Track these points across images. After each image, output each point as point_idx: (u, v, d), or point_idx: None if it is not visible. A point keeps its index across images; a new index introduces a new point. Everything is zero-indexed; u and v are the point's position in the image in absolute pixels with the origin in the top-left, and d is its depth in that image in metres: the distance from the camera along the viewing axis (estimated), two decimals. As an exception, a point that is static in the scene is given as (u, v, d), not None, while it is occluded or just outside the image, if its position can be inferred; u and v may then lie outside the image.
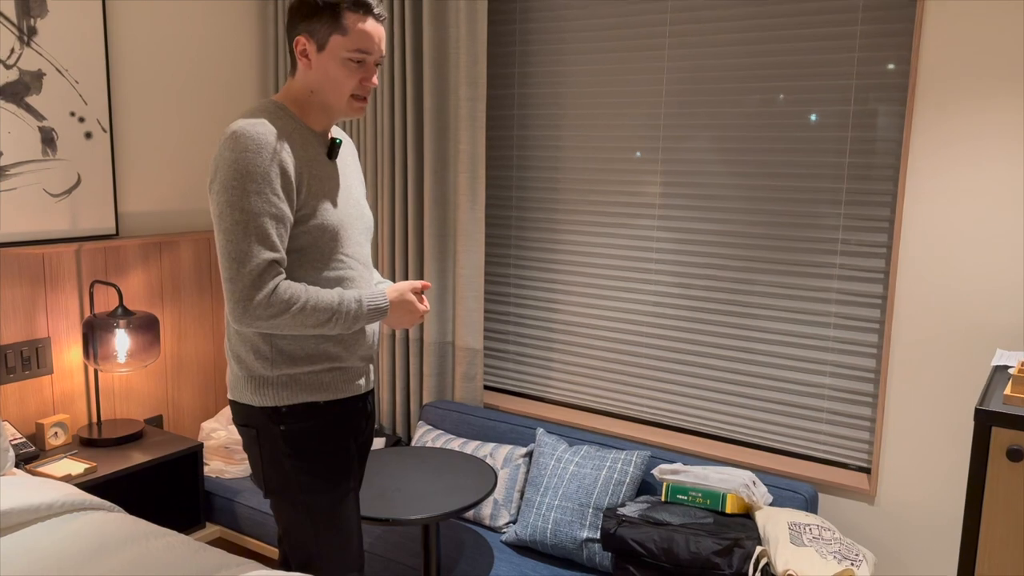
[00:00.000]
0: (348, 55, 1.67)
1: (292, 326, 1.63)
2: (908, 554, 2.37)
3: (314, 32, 1.67)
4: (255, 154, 1.58)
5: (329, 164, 1.76)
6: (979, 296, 2.19)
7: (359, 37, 1.67)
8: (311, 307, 1.63)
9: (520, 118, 2.98)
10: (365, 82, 1.71)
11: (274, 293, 1.60)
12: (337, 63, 1.67)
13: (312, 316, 1.63)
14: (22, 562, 1.73)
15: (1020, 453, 1.61)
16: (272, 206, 1.60)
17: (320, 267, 1.71)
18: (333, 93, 1.70)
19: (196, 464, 2.79)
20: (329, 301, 1.65)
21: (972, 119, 2.15)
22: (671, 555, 2.11)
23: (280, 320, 1.61)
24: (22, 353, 2.63)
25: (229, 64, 3.25)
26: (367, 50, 1.68)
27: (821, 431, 2.52)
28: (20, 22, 2.57)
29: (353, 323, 1.69)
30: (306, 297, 1.63)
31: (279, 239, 1.62)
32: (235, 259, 1.58)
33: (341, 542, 1.78)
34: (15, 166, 2.61)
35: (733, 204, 2.58)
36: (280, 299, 1.60)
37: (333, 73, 1.68)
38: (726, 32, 2.53)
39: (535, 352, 3.06)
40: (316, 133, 1.75)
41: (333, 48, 1.66)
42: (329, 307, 1.65)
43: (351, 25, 1.66)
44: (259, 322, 1.60)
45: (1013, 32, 2.07)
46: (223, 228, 1.59)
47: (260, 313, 1.59)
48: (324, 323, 1.65)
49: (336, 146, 1.77)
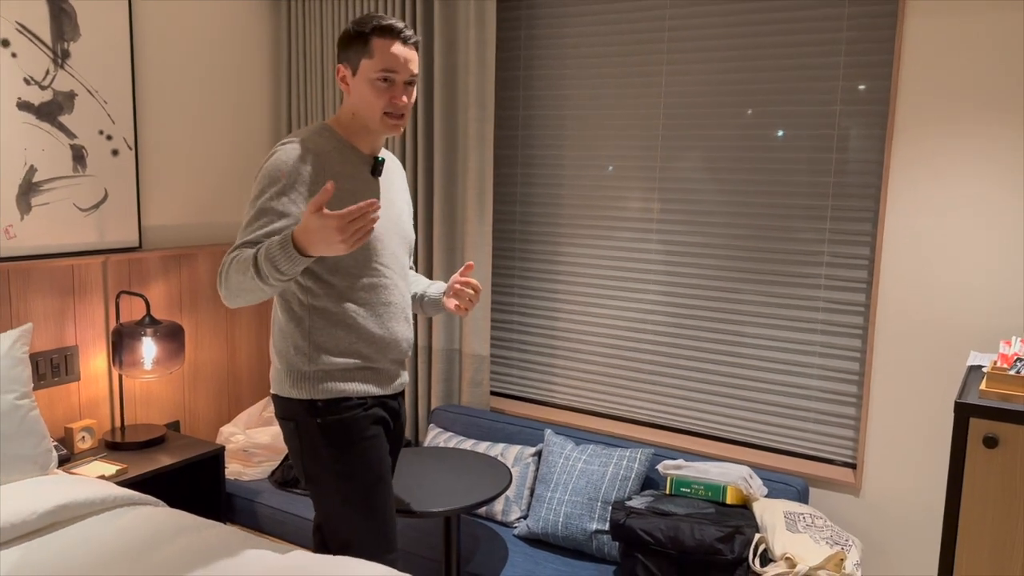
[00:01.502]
0: (376, 76, 1.83)
1: (234, 283, 1.72)
2: (892, 542, 2.57)
3: (349, 59, 1.87)
4: (283, 162, 1.80)
5: (371, 180, 1.93)
6: (954, 304, 2.40)
7: (384, 59, 1.83)
8: (238, 260, 1.73)
9: (524, 138, 3.17)
10: (395, 100, 1.86)
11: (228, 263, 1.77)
12: (367, 84, 1.84)
13: (236, 267, 1.71)
14: (86, 550, 1.86)
15: (995, 440, 1.81)
16: (275, 219, 1.78)
17: (355, 275, 1.88)
18: (368, 113, 1.87)
19: (218, 466, 2.92)
20: (247, 255, 1.72)
21: (947, 141, 2.37)
22: (677, 543, 2.29)
23: (224, 277, 1.75)
24: (52, 361, 2.75)
25: (243, 89, 3.41)
26: (393, 70, 1.84)
27: (809, 430, 2.72)
28: (55, 46, 2.71)
29: (269, 265, 1.66)
30: (236, 254, 1.75)
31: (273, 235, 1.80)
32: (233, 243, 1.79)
33: (376, 526, 1.92)
34: (48, 182, 2.73)
35: (726, 219, 2.78)
36: (225, 262, 1.77)
37: (365, 94, 1.85)
38: (720, 60, 2.74)
39: (539, 358, 3.23)
40: (361, 153, 1.92)
41: (363, 71, 1.85)
42: (246, 260, 1.70)
43: (376, 48, 1.83)
44: (221, 290, 1.78)
45: (984, 62, 2.29)
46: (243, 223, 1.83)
47: (219, 280, 1.78)
48: (246, 271, 1.69)
49: (379, 163, 1.94)
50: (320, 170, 1.82)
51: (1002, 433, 1.81)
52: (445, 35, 3.03)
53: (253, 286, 1.71)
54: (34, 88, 2.67)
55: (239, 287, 1.74)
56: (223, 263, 1.78)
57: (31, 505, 1.98)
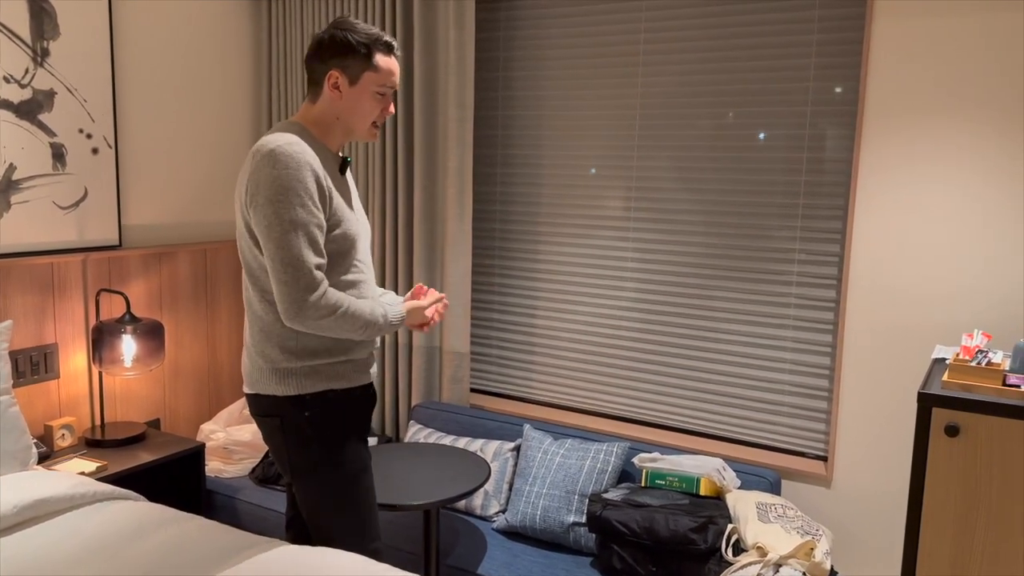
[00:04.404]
0: (377, 89, 1.91)
1: (333, 328, 1.83)
2: (861, 531, 2.63)
3: (347, 68, 1.88)
4: (295, 170, 1.78)
5: (342, 179, 1.99)
6: (920, 299, 2.47)
7: (387, 74, 1.91)
8: (351, 313, 1.85)
9: (504, 138, 3.21)
10: (385, 111, 1.96)
11: (324, 295, 1.81)
12: (368, 96, 1.90)
13: (350, 321, 1.85)
14: (65, 544, 1.88)
15: (956, 429, 1.87)
16: (314, 216, 1.80)
17: (340, 271, 1.92)
18: (359, 121, 1.93)
19: (198, 463, 2.93)
20: (363, 311, 1.87)
21: (913, 141, 2.43)
22: (652, 533, 2.33)
23: (326, 321, 1.81)
24: (31, 358, 2.75)
25: (224, 88, 3.43)
26: (392, 84, 1.93)
27: (782, 423, 2.78)
28: (35, 44, 2.72)
29: (376, 332, 1.93)
30: (347, 304, 1.85)
31: (322, 246, 1.83)
32: (290, 264, 1.78)
33: (363, 514, 1.97)
34: (28, 180, 2.74)
35: (700, 218, 2.84)
36: (329, 302, 1.81)
37: (363, 104, 1.91)
38: (694, 62, 2.80)
39: (518, 355, 3.28)
40: (331, 152, 1.97)
41: (365, 83, 1.89)
42: (362, 315, 1.87)
43: (381, 64, 1.89)
44: (309, 321, 1.80)
45: (950, 64, 2.36)
46: (274, 238, 1.78)
47: (311, 313, 1.79)
48: (358, 329, 1.87)
49: (347, 163, 2.00)
50: (318, 170, 1.85)
51: (963, 422, 1.88)
52: (425, 36, 3.07)
53: (354, 332, 1.88)
54: (13, 86, 2.68)
55: (340, 330, 1.86)
56: (332, 299, 1.83)
57: (8, 499, 2.00)
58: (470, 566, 2.50)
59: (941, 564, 1.93)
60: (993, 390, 1.89)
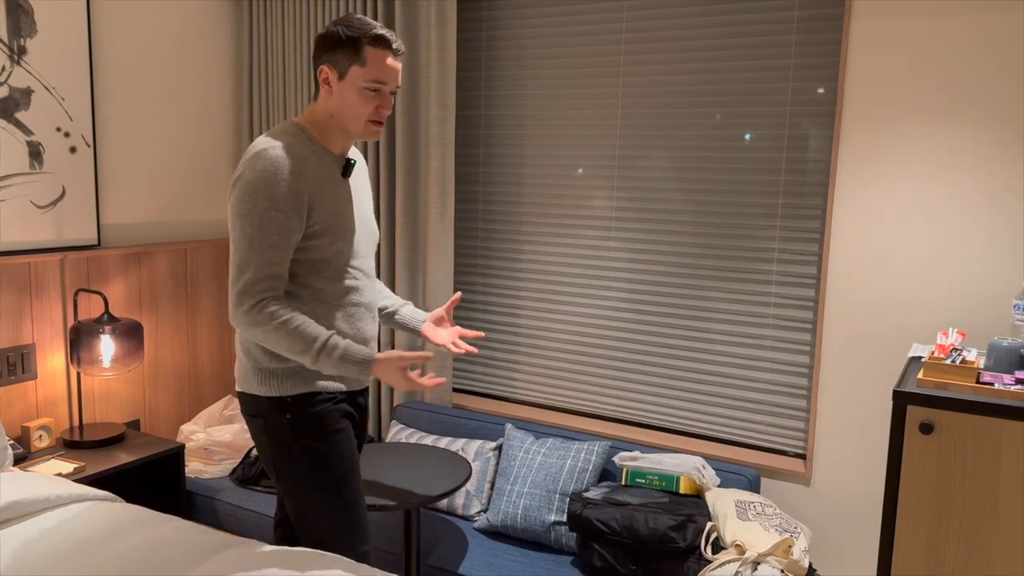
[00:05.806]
0: (365, 84, 1.83)
1: (263, 339, 1.80)
2: (839, 529, 2.64)
3: (336, 62, 1.83)
4: (272, 175, 1.76)
5: (342, 182, 1.93)
6: (897, 298, 2.49)
7: (376, 69, 1.83)
8: (289, 330, 1.77)
9: (486, 137, 3.21)
10: (381, 109, 1.87)
11: (260, 303, 1.77)
12: (355, 91, 1.83)
13: (286, 339, 1.78)
14: (45, 543, 1.86)
15: (930, 427, 1.89)
16: (279, 224, 1.77)
17: (330, 277, 1.89)
18: (351, 118, 1.86)
19: (178, 464, 2.91)
20: (309, 334, 1.78)
21: (891, 141, 2.45)
22: (632, 531, 2.34)
23: (257, 330, 1.79)
24: (8, 359, 2.73)
25: (205, 88, 3.41)
26: (383, 80, 1.84)
27: (762, 421, 2.79)
28: (11, 42, 2.70)
29: (323, 364, 1.80)
30: (291, 322, 1.78)
31: (281, 255, 1.79)
32: (238, 266, 1.78)
33: (351, 516, 1.94)
34: (4, 179, 2.72)
35: (680, 217, 2.85)
36: (265, 312, 1.77)
37: (351, 100, 1.84)
38: (676, 62, 2.81)
39: (501, 355, 3.28)
40: (333, 154, 1.92)
41: (352, 77, 1.83)
42: (306, 339, 1.78)
43: (369, 57, 1.82)
44: (242, 326, 1.80)
45: (927, 65, 2.38)
46: (234, 237, 1.78)
47: (243, 319, 1.79)
48: (296, 352, 1.79)
49: (350, 166, 1.94)
50: (300, 176, 1.80)
51: (938, 419, 1.89)
52: (406, 35, 3.07)
53: (294, 353, 1.79)
54: (-10, 84, 2.65)
55: (277, 344, 1.79)
56: (269, 309, 1.76)
57: (-15, 500, 1.98)
58: (451, 566, 2.50)
59: (916, 560, 1.95)
60: (968, 388, 1.91)
